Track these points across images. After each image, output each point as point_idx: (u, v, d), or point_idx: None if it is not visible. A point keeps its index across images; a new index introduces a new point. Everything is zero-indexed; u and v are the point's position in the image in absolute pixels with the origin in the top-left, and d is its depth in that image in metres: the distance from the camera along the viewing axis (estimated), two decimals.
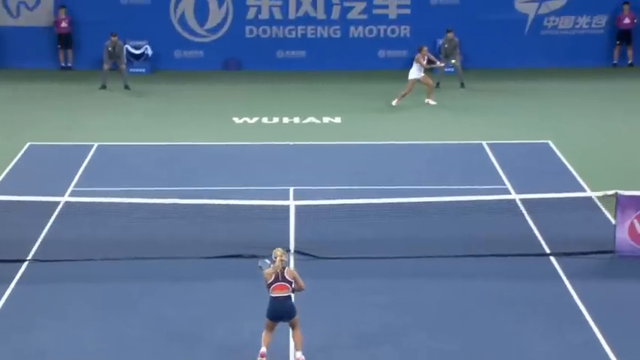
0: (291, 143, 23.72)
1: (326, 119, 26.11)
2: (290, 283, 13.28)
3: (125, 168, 21.84)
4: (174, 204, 17.68)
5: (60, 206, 18.44)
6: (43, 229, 17.84)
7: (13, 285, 15.90)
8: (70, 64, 31.64)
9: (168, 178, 20.99)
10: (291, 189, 20.11)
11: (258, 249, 16.73)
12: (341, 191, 19.81)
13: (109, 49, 28.96)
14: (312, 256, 16.88)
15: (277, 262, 13.29)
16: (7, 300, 15.38)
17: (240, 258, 16.72)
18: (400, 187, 20.11)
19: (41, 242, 17.41)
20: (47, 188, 19.76)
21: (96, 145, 23.33)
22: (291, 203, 17.47)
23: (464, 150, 23.19)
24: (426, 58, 26.57)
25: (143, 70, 31.32)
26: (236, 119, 26.17)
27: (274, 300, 13.21)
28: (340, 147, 23.53)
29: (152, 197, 17.98)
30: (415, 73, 26.62)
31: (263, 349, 13.24)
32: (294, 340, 13.42)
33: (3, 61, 31.57)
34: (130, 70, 30.55)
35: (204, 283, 15.60)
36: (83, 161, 22.13)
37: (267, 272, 13.25)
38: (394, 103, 26.74)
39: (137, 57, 31.40)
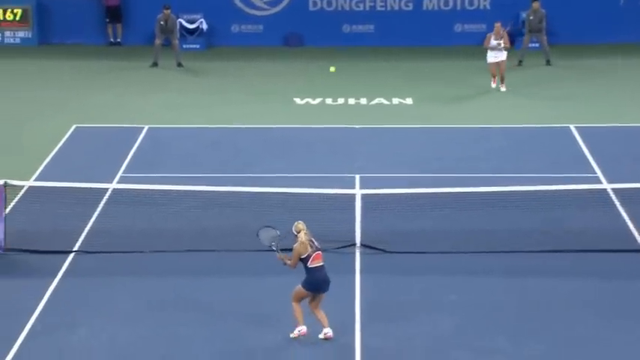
0: (358, 127, 23.79)
1: (396, 100, 26.08)
2: (321, 250, 13.79)
3: (177, 152, 22.05)
4: (229, 192, 17.87)
5: (108, 194, 18.64)
6: (89, 218, 18.07)
7: (58, 278, 16.09)
8: (119, 40, 31.96)
9: (223, 164, 21.17)
10: (357, 177, 20.18)
11: (321, 242, 16.46)
12: (412, 179, 19.82)
13: (161, 23, 29.14)
14: (380, 250, 16.97)
15: (303, 234, 13.74)
16: (51, 294, 15.59)
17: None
18: (477, 175, 20.04)
19: (88, 232, 17.63)
20: (94, 174, 19.98)
21: (146, 127, 23.55)
22: (357, 192, 17.49)
23: (549, 134, 23.05)
24: (493, 38, 25.73)
25: (197, 46, 31.52)
26: (297, 100, 26.30)
27: (316, 271, 13.65)
28: (411, 131, 23.54)
29: (206, 184, 18.16)
30: (489, 56, 26.02)
31: (304, 328, 13.76)
32: (320, 317, 13.85)
33: (47, 36, 32.01)
34: (184, 46, 30.76)
35: (264, 278, 15.65)
36: (133, 145, 22.33)
37: (298, 247, 13.69)
38: (495, 85, 26.24)
39: (191, 32, 31.61)
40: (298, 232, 13.79)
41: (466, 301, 15.25)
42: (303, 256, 13.71)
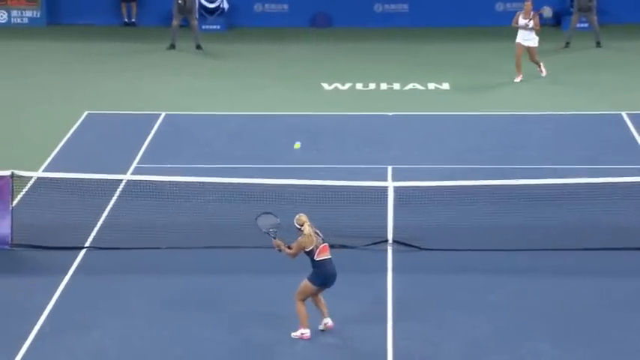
0: (390, 114, 23.82)
1: (431, 85, 26.09)
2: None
3: (196, 141, 22.13)
4: (251, 184, 17.87)
5: (122, 186, 18.66)
6: (102, 211, 18.13)
7: (68, 276, 16.16)
8: (133, 20, 32.05)
9: (245, 154, 21.25)
10: (390, 168, 20.26)
11: (350, 238, 16.88)
12: (448, 171, 19.88)
13: (179, 2, 29.15)
14: (414, 247, 17.00)
15: (307, 227, 13.90)
16: (62, 293, 15.61)
17: (331, 247, 16.51)
18: (519, 167, 20.06)
19: (100, 227, 17.69)
20: (107, 165, 20.10)
21: (163, 114, 23.66)
22: (390, 185, 17.48)
23: (598, 121, 22.99)
24: (521, 17, 25.40)
25: (218, 27, 31.63)
26: (325, 85, 26.34)
27: (324, 264, 13.87)
28: (448, 118, 23.55)
29: (226, 176, 18.18)
30: (518, 36, 25.58)
31: (308, 332, 14.02)
32: (321, 306, 14.12)
33: (57, 16, 32.10)
34: (203, 26, 30.92)
35: (289, 276, 15.50)
36: (148, 133, 22.43)
37: (303, 240, 13.85)
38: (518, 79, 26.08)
39: (211, 12, 31.71)
40: (302, 225, 13.98)
41: (506, 303, 15.22)
42: (308, 249, 13.91)
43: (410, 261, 16.48)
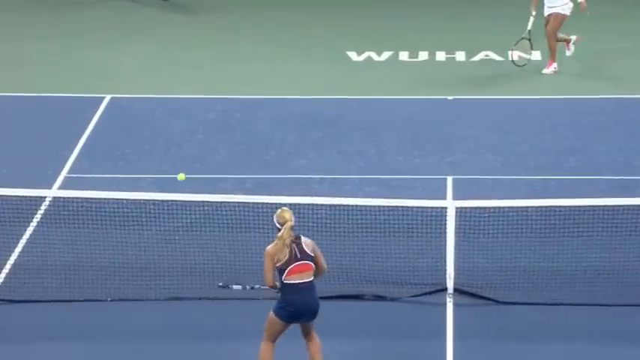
0: (451, 98, 23.85)
1: (515, 54, 25.61)
2: (312, 260, 14.46)
3: (157, 139, 22.05)
4: (240, 203, 17.87)
5: (44, 206, 18.73)
6: (13, 246, 18.05)
7: None
8: None
9: (232, 158, 21.23)
10: (450, 179, 20.25)
11: (389, 285, 16.87)
12: (538, 184, 19.98)
13: None
14: (486, 299, 16.97)
15: (285, 231, 14.40)
16: None
17: (361, 300, 16.84)
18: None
19: (10, 269, 17.64)
20: (22, 175, 20.06)
21: (107, 98, 23.77)
22: (450, 204, 17.36)
23: None
24: None
25: None
26: (353, 55, 26.44)
27: (293, 288, 14.44)
28: (540, 104, 23.62)
29: (203, 191, 18.31)
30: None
31: None
32: (312, 353, 14.58)
33: None
34: None
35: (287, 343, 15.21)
36: (85, 127, 22.42)
37: (270, 250, 14.48)
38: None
39: None
40: (282, 224, 14.46)
41: None
42: (276, 265, 14.39)
43: (479, 320, 16.46)
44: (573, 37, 25.35)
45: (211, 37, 27.64)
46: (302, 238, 14.56)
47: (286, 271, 14.42)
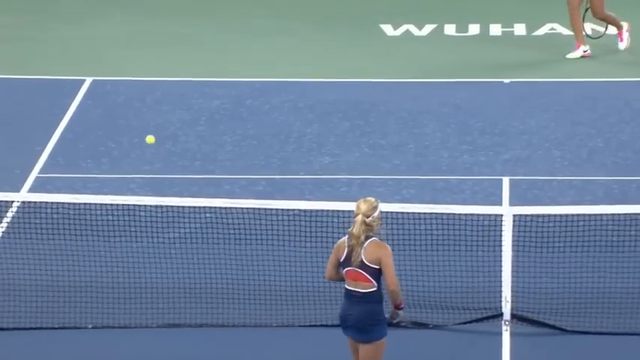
0: (507, 81, 23.86)
1: (587, 27, 25.49)
2: (369, 271, 14.52)
3: (148, 130, 21.77)
4: (253, 209, 17.76)
5: (11, 212, 18.80)
6: None
7: None
8: None
9: (240, 154, 21.16)
10: (506, 180, 20.23)
11: (434, 310, 16.83)
12: (616, 186, 19.90)
13: None
14: (550, 326, 16.93)
15: (354, 225, 14.57)
16: None
17: (397, 327, 16.16)
18: None
19: None
20: None
21: (89, 80, 23.81)
22: (506, 212, 17.20)
23: None
24: None
25: None
26: (389, 29, 26.51)
27: (346, 293, 14.76)
28: (620, 88, 23.59)
29: (205, 195, 18.48)
30: None
31: None
32: None
33: None
34: None
35: None
36: (61, 115, 22.49)
37: (339, 242, 14.76)
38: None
39: None
40: (356, 216, 14.67)
41: None
42: (341, 260, 14.71)
43: (541, 352, 16.45)
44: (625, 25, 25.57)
45: (215, 6, 27.84)
46: (371, 241, 14.55)
47: (344, 272, 14.66)
